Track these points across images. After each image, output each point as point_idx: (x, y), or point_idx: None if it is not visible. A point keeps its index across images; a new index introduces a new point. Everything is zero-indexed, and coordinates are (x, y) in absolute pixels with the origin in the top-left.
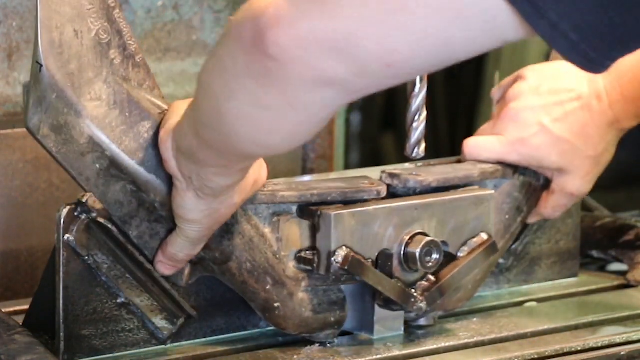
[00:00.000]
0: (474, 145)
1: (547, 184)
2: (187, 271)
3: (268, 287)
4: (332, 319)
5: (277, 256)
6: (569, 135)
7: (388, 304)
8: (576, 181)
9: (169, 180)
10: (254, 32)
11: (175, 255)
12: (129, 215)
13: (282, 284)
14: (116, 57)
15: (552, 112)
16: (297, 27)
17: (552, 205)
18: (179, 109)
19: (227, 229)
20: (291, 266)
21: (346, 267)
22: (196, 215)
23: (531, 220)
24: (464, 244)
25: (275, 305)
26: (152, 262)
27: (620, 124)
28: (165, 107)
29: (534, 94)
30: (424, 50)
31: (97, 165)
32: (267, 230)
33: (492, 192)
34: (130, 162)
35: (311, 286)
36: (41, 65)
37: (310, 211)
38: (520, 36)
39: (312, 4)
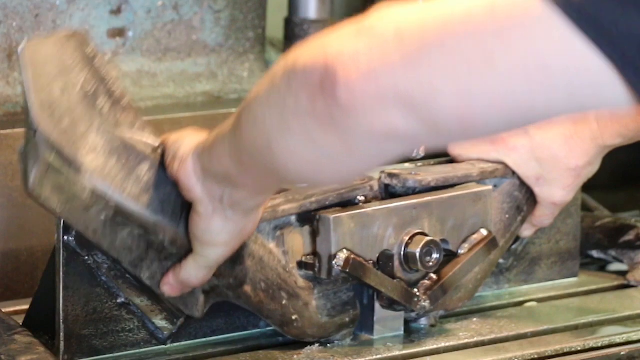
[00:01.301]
0: None
1: None
2: (201, 301)
3: (284, 302)
4: (348, 319)
5: (287, 269)
6: (550, 143)
7: (391, 304)
8: (557, 191)
9: (176, 217)
10: (325, 76)
11: (189, 280)
12: (139, 258)
13: (296, 296)
14: (104, 106)
15: None
16: (375, 79)
17: (538, 215)
18: (187, 138)
19: (237, 254)
20: (300, 276)
21: (347, 270)
22: (224, 237)
23: (525, 233)
24: (464, 241)
25: (293, 317)
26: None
27: (603, 140)
28: (156, 144)
29: None
30: (503, 111)
31: (102, 217)
32: (272, 246)
33: (490, 187)
34: (136, 207)
35: (322, 292)
36: (35, 131)
37: (309, 216)
38: (620, 104)
39: (392, 55)
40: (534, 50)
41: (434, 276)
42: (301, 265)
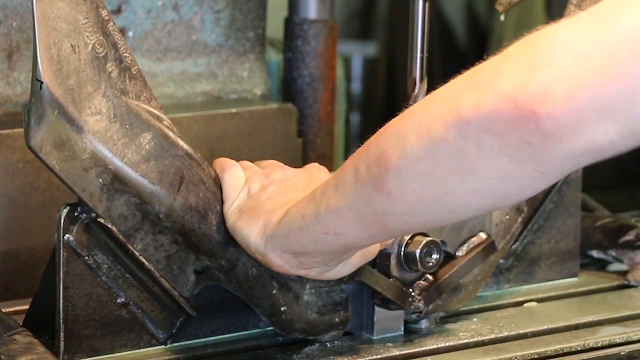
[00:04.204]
0: None
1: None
2: (191, 281)
3: (274, 292)
4: (337, 320)
5: None
6: None
7: (386, 303)
8: None
9: (173, 190)
10: (519, 114)
11: None
12: (133, 228)
13: (287, 287)
14: (113, 70)
15: None
16: (577, 98)
17: None
18: (249, 218)
19: (232, 236)
20: None
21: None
22: None
23: None
24: (463, 243)
25: (282, 309)
26: (157, 271)
27: None
28: (164, 117)
29: None
30: None
31: (101, 180)
32: None
33: None
34: (134, 175)
35: (315, 288)
36: (41, 83)
37: None
38: None
39: (583, 76)
40: None
41: (430, 277)
42: None
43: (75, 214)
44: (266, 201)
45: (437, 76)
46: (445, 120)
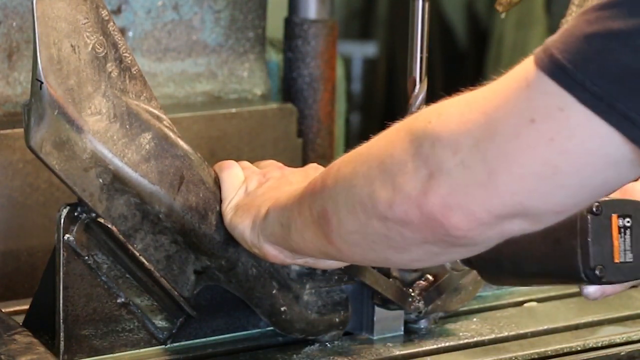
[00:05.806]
0: None
1: None
2: (191, 281)
3: (274, 292)
4: (337, 320)
5: None
6: None
7: (386, 303)
8: None
9: (173, 190)
10: (425, 220)
11: None
12: (133, 228)
13: (287, 287)
14: (113, 70)
15: None
16: (472, 211)
17: None
18: (244, 214)
19: (232, 236)
20: (294, 269)
21: (342, 267)
22: None
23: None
24: None
25: (282, 309)
26: (157, 271)
27: None
28: (164, 117)
29: None
30: (587, 195)
31: (101, 180)
32: None
33: None
34: (134, 175)
35: (315, 288)
36: (41, 83)
37: None
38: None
39: (476, 185)
40: (588, 147)
41: (430, 277)
42: None
43: (75, 214)
44: (259, 196)
45: (437, 76)
46: (366, 208)
